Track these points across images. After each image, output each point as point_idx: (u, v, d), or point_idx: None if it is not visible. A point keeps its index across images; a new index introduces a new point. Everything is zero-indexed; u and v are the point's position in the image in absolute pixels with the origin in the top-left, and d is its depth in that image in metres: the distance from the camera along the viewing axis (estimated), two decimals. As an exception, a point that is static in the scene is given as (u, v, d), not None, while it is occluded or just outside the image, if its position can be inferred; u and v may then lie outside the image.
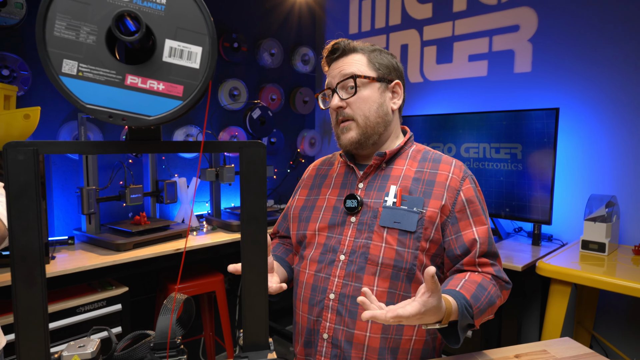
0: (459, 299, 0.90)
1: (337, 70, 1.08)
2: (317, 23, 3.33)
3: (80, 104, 0.49)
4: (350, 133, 1.08)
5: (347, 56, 1.09)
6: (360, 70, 1.07)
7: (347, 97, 1.07)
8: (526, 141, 2.06)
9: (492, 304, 0.98)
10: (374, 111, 1.07)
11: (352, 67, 1.07)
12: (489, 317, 1.01)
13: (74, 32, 0.49)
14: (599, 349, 2.09)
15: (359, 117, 1.07)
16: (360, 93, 1.06)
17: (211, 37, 0.53)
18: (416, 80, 2.78)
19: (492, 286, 1.00)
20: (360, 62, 1.08)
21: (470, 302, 0.92)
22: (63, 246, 2.04)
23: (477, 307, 0.93)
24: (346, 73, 1.07)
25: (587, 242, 1.85)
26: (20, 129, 1.68)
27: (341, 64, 1.08)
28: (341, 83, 1.07)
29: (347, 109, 1.07)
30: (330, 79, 1.10)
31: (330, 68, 1.12)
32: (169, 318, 0.59)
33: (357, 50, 1.09)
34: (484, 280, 0.99)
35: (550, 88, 2.21)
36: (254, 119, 2.68)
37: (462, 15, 2.51)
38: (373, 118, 1.07)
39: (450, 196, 1.03)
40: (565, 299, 1.69)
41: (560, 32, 2.16)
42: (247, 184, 0.63)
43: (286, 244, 1.29)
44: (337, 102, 1.07)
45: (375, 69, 1.09)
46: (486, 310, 0.97)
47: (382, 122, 1.09)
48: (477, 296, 0.94)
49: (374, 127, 1.08)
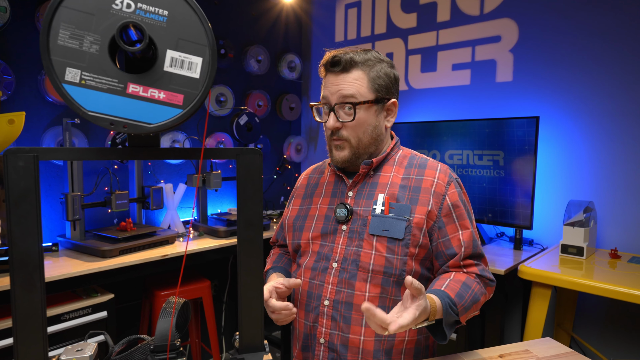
0: (443, 298, 0.94)
1: (336, 88, 1.05)
2: (304, 30, 3.36)
3: (82, 112, 0.50)
4: (344, 152, 1.09)
5: (348, 73, 1.05)
6: (360, 94, 1.04)
7: (344, 120, 1.06)
8: (508, 148, 2.12)
9: (477, 301, 1.03)
10: (368, 134, 1.08)
11: (352, 88, 1.04)
12: (475, 313, 1.05)
13: (78, 41, 0.50)
14: (577, 349, 2.15)
15: (352, 140, 1.08)
16: (358, 117, 1.05)
17: (211, 48, 0.55)
18: (401, 88, 2.83)
19: (476, 284, 1.04)
20: (361, 82, 1.05)
21: (455, 300, 0.97)
22: (47, 253, 2.01)
23: (461, 304, 0.98)
24: (346, 95, 1.04)
25: (566, 246, 1.91)
26: (4, 134, 1.66)
27: (340, 81, 1.05)
28: (339, 104, 1.06)
29: (342, 130, 1.07)
30: (328, 94, 1.07)
31: (329, 81, 1.08)
32: (169, 321, 0.61)
33: (359, 66, 1.05)
34: (468, 279, 1.03)
35: (531, 97, 2.28)
36: (241, 125, 2.69)
37: (446, 26, 2.57)
38: (366, 140, 1.08)
39: (436, 201, 1.06)
40: (546, 301, 1.74)
41: (540, 43, 2.24)
42: (244, 191, 0.64)
43: (287, 253, 1.32)
44: (334, 123, 1.06)
45: (375, 90, 1.06)
46: (471, 307, 1.01)
47: (374, 142, 1.11)
48: (461, 294, 0.98)
49: (365, 148, 1.10)
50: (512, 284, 1.96)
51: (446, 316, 0.94)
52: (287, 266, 1.26)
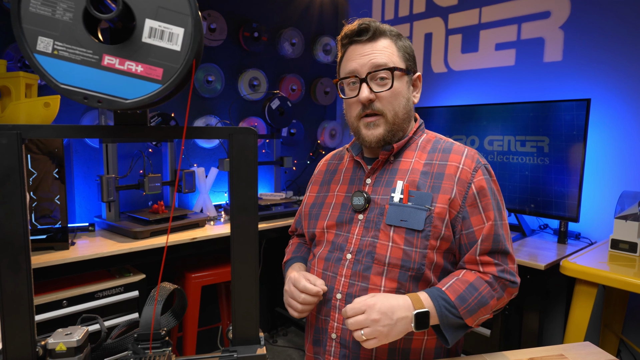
0: (437, 300, 0.90)
1: (367, 57, 0.97)
2: (340, 12, 3.26)
3: (54, 84, 0.47)
4: (378, 130, 0.99)
5: (377, 41, 0.98)
6: (394, 62, 0.98)
7: (379, 90, 0.97)
8: (554, 134, 1.96)
9: (485, 304, 0.94)
10: (402, 107, 1.00)
11: (384, 56, 0.97)
12: (486, 316, 0.96)
13: (50, 8, 0.47)
14: (627, 353, 1.99)
15: (388, 113, 0.99)
16: (395, 86, 0.98)
17: (194, 17, 0.50)
18: (440, 71, 2.69)
19: (485, 286, 0.94)
20: (391, 50, 0.98)
21: (455, 303, 0.90)
22: (84, 232, 2.09)
23: (464, 307, 0.90)
24: (379, 63, 0.97)
25: (617, 242, 1.75)
26: (40, 116, 1.71)
27: (370, 50, 0.98)
28: (372, 73, 0.97)
29: (376, 102, 0.98)
30: (356, 66, 0.98)
31: (354, 52, 1.00)
32: (152, 309, 0.58)
33: (386, 35, 0.99)
34: (477, 280, 0.94)
35: (582, 78, 2.09)
36: (273, 110, 2.66)
37: (490, 2, 2.40)
38: (401, 114, 1.00)
39: (460, 189, 0.97)
40: (590, 300, 1.60)
41: (595, 19, 2.04)
42: (237, 173, 0.60)
43: (306, 242, 1.27)
44: (368, 94, 0.97)
45: (405, 59, 1.00)
46: (477, 311, 0.93)
47: (407, 118, 1.03)
48: (464, 297, 0.91)
49: (400, 124, 1.01)
50: (555, 280, 1.83)
51: (443, 318, 0.88)
52: (307, 255, 1.20)
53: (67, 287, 1.77)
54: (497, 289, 0.96)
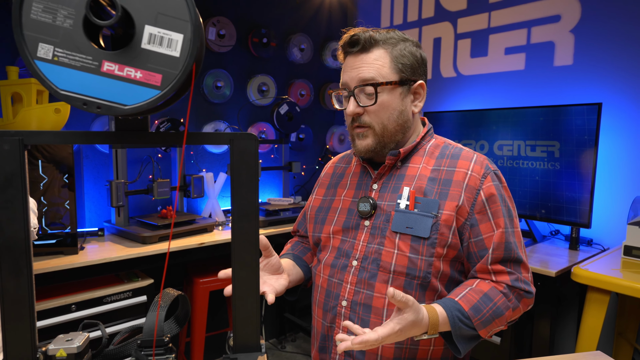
0: (451, 310, 0.87)
1: (355, 71, 0.97)
2: (349, 17, 3.27)
3: (54, 90, 0.47)
4: (367, 140, 0.99)
5: (368, 53, 0.96)
6: (381, 75, 0.95)
7: (367, 103, 0.96)
8: (565, 139, 1.93)
9: (499, 315, 0.91)
10: (393, 119, 0.98)
11: (372, 70, 0.95)
12: (500, 327, 0.94)
13: (51, 15, 0.47)
14: (642, 363, 1.94)
15: (377, 126, 0.98)
16: (380, 100, 0.96)
17: (193, 24, 0.50)
18: (449, 75, 2.67)
19: (500, 296, 0.92)
20: (382, 61, 0.96)
21: (469, 313, 0.87)
22: (93, 237, 2.10)
23: (477, 318, 0.88)
24: (365, 78, 0.95)
25: (630, 248, 1.71)
26: (51, 122, 1.74)
27: (359, 63, 0.96)
28: (359, 87, 0.97)
29: (364, 115, 0.98)
30: (346, 79, 0.99)
31: (347, 63, 0.99)
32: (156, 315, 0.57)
33: (379, 45, 0.96)
34: (492, 290, 0.92)
35: (593, 82, 2.06)
36: (281, 115, 2.66)
37: (499, 6, 2.38)
38: (392, 126, 0.98)
39: (468, 196, 0.95)
40: (603, 308, 1.57)
41: (606, 22, 2.01)
42: (238, 178, 0.60)
43: (305, 242, 1.25)
44: (354, 108, 0.97)
45: (398, 70, 0.96)
46: (492, 322, 0.90)
47: (400, 129, 1.00)
48: (478, 307, 0.89)
49: (391, 136, 1.00)
50: (566, 287, 1.79)
51: (456, 329, 0.86)
52: (301, 254, 1.19)
53: (75, 292, 1.78)
54: (512, 299, 0.93)
